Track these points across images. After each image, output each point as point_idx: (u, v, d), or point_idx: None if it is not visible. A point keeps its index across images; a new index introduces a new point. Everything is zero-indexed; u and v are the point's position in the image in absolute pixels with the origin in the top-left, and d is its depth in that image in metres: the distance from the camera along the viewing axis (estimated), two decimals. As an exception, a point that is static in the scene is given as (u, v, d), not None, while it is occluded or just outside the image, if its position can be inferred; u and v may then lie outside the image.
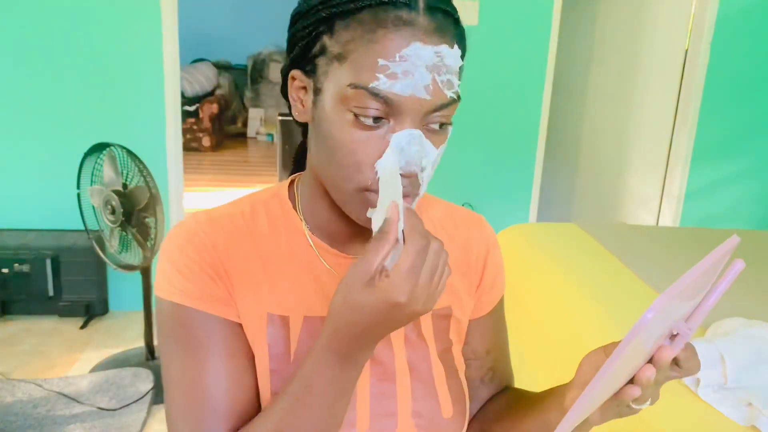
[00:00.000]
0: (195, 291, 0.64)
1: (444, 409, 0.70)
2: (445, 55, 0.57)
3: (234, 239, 0.67)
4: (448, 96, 0.58)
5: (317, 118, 0.61)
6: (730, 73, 3.08)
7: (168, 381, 0.66)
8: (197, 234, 0.66)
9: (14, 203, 2.77)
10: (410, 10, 0.56)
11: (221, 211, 0.69)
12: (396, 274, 0.51)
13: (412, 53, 0.55)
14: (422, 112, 0.58)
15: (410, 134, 0.57)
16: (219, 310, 0.64)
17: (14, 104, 2.68)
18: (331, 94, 0.59)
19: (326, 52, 0.59)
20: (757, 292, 1.77)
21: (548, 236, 2.19)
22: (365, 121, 0.57)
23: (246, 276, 0.66)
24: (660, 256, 2.05)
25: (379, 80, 0.55)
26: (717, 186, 3.24)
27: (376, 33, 0.56)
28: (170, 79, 2.72)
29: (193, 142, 6.28)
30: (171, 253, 0.65)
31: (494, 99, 3.06)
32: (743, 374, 1.19)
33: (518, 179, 3.23)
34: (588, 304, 1.65)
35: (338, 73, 0.58)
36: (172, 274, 0.64)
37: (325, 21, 0.59)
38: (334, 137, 0.59)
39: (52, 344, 2.60)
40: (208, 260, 0.65)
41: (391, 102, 0.56)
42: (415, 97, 0.56)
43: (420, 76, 0.56)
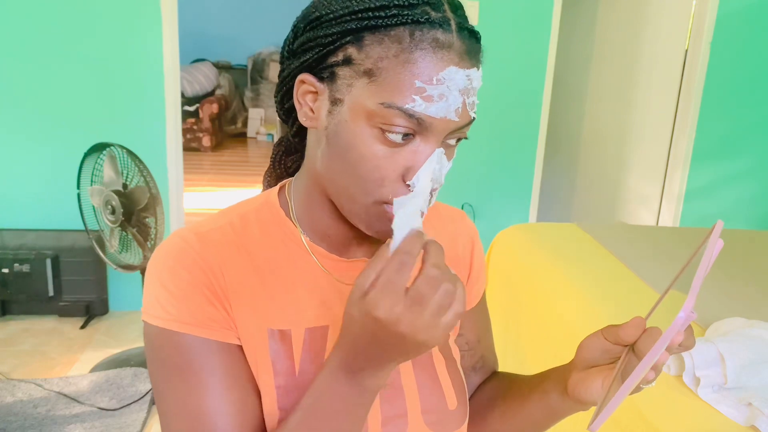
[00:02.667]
0: (190, 316, 0.60)
1: (449, 400, 0.71)
2: (474, 78, 0.58)
3: (227, 255, 0.64)
4: (471, 116, 0.60)
5: (333, 128, 0.60)
6: (730, 73, 3.08)
7: (166, 413, 0.62)
8: (187, 253, 0.62)
9: (14, 203, 2.77)
10: (444, 31, 0.56)
11: (209, 226, 0.66)
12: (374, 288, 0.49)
13: (448, 77, 0.56)
14: (447, 131, 0.59)
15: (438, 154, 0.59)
16: (218, 335, 0.61)
17: (14, 104, 2.68)
18: (355, 107, 0.58)
19: (352, 63, 0.58)
20: (757, 292, 1.77)
21: (548, 236, 2.19)
22: (393, 138, 0.57)
23: (243, 292, 0.64)
24: (660, 256, 2.05)
25: (415, 102, 0.56)
26: (717, 186, 3.24)
27: (413, 53, 0.55)
28: (170, 79, 2.72)
29: (193, 142, 6.29)
30: (162, 276, 0.61)
31: (494, 99, 3.06)
32: (743, 374, 1.19)
33: (518, 179, 3.23)
34: (588, 304, 1.65)
35: (367, 89, 0.57)
36: (164, 299, 0.61)
37: (353, 32, 0.57)
38: (358, 150, 0.58)
39: (52, 344, 2.60)
40: (203, 281, 0.61)
41: (422, 122, 0.57)
42: (446, 119, 0.57)
43: (453, 100, 0.57)
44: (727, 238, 2.29)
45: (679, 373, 1.25)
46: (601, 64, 3.72)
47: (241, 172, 5.88)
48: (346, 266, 0.70)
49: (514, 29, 3.02)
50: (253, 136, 7.18)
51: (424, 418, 0.68)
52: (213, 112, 6.38)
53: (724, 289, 1.77)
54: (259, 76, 7.08)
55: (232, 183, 5.40)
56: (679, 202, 3.21)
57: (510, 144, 3.18)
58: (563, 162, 4.04)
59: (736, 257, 2.09)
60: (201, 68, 6.54)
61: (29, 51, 2.64)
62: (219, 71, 6.82)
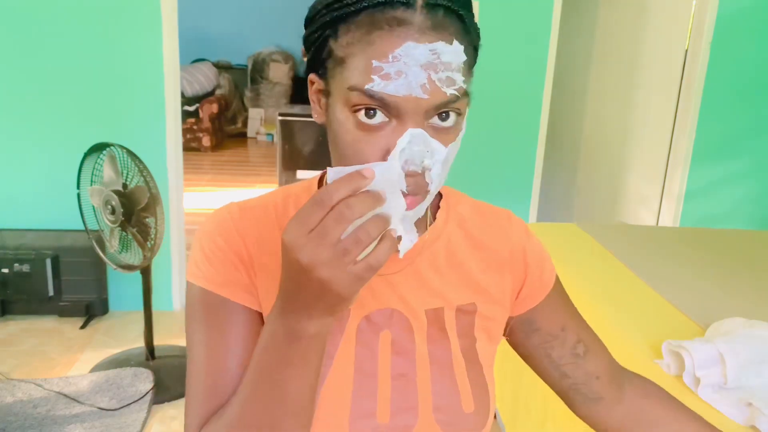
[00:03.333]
0: (220, 277, 0.66)
1: (465, 403, 0.70)
2: (441, 52, 0.56)
3: (262, 230, 0.69)
4: (448, 93, 0.57)
5: (329, 120, 0.62)
6: (730, 73, 3.08)
7: (190, 360, 0.67)
8: (226, 222, 0.68)
9: (14, 203, 2.77)
10: (406, 8, 0.56)
11: (255, 202, 0.72)
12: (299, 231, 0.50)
13: (403, 53, 0.55)
14: (421, 111, 0.57)
15: (411, 134, 0.57)
16: (241, 298, 0.67)
17: (14, 104, 2.68)
18: (336, 96, 0.60)
19: (332, 55, 0.60)
20: (757, 292, 1.77)
21: (548, 236, 2.19)
22: (366, 121, 0.57)
23: (270, 266, 0.68)
24: (660, 256, 2.05)
25: (374, 81, 0.56)
26: (717, 186, 3.24)
27: (371, 35, 0.56)
28: (170, 79, 2.72)
29: (193, 142, 6.29)
30: (202, 241, 0.68)
31: (494, 99, 3.06)
32: (743, 374, 1.19)
33: (518, 179, 3.23)
34: (588, 304, 1.65)
35: (341, 77, 0.59)
36: (200, 261, 0.67)
37: (330, 25, 0.59)
38: (341, 137, 0.60)
39: (52, 344, 2.60)
40: (234, 248, 0.67)
41: (388, 102, 0.56)
42: (411, 96, 0.56)
43: (414, 76, 0.55)
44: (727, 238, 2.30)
45: (679, 373, 1.25)
46: (601, 64, 3.72)
47: (241, 172, 5.88)
48: None
49: (514, 29, 3.02)
50: (253, 136, 7.18)
51: (435, 416, 0.68)
52: (213, 112, 6.39)
53: (724, 289, 1.77)
54: (259, 76, 7.08)
55: (232, 183, 5.40)
56: (679, 202, 3.21)
57: (510, 144, 3.18)
58: (563, 162, 4.04)
59: (736, 257, 2.09)
60: (201, 68, 6.54)
61: (29, 51, 2.64)
62: (219, 71, 6.82)
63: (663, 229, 2.53)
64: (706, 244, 2.20)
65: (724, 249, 2.16)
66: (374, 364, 0.69)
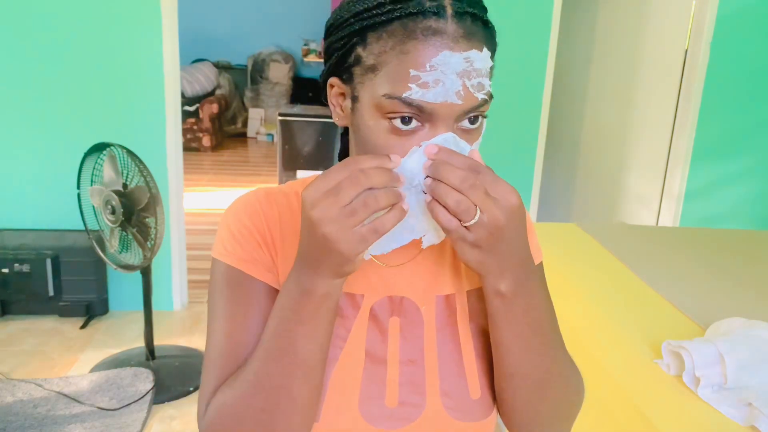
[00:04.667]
0: (244, 254, 0.69)
1: (472, 389, 0.71)
2: (474, 60, 0.59)
3: (285, 214, 0.72)
4: (479, 98, 0.61)
5: (356, 124, 0.64)
6: (730, 73, 3.08)
7: (210, 332, 0.70)
8: (253, 204, 0.71)
9: (14, 203, 2.77)
10: (438, 18, 0.58)
11: (279, 190, 0.75)
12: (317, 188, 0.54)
13: (441, 62, 0.57)
14: (455, 116, 0.60)
15: (444, 140, 0.59)
16: (262, 275, 0.69)
17: (14, 104, 2.68)
18: (367, 102, 0.61)
19: (361, 62, 0.62)
20: (757, 292, 1.77)
21: (548, 236, 2.19)
22: (401, 126, 0.59)
23: (290, 249, 0.70)
24: (660, 256, 2.05)
25: (411, 90, 0.58)
26: (717, 186, 3.24)
27: (406, 44, 0.58)
28: (170, 79, 2.72)
29: (193, 142, 6.29)
30: (228, 219, 0.71)
31: (494, 99, 3.06)
32: (743, 374, 1.19)
33: (518, 179, 3.23)
34: (588, 304, 1.65)
35: (373, 84, 0.60)
36: (226, 238, 0.70)
37: (358, 33, 0.61)
38: (373, 143, 0.61)
39: (52, 344, 2.60)
40: (258, 227, 0.70)
41: (424, 109, 0.58)
42: (447, 103, 0.58)
43: (451, 83, 0.58)
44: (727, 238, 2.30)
45: (679, 373, 1.25)
46: (601, 64, 3.72)
47: (241, 172, 5.88)
48: None
49: (514, 29, 3.02)
50: (253, 136, 7.18)
51: (442, 401, 0.70)
52: (213, 112, 6.39)
53: (724, 289, 1.77)
54: (259, 76, 7.08)
55: (232, 183, 5.40)
56: (679, 202, 3.21)
57: (510, 144, 3.18)
58: (563, 162, 4.04)
59: (736, 257, 2.09)
60: (201, 68, 6.55)
61: (29, 51, 2.64)
62: (219, 71, 6.82)
63: (663, 229, 2.53)
64: (706, 244, 2.20)
65: (724, 249, 2.16)
66: (384, 349, 0.71)
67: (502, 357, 0.68)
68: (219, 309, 0.69)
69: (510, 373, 0.69)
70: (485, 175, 0.57)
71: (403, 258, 0.73)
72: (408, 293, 0.73)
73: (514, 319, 0.65)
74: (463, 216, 0.56)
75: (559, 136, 3.90)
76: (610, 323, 1.53)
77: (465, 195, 0.55)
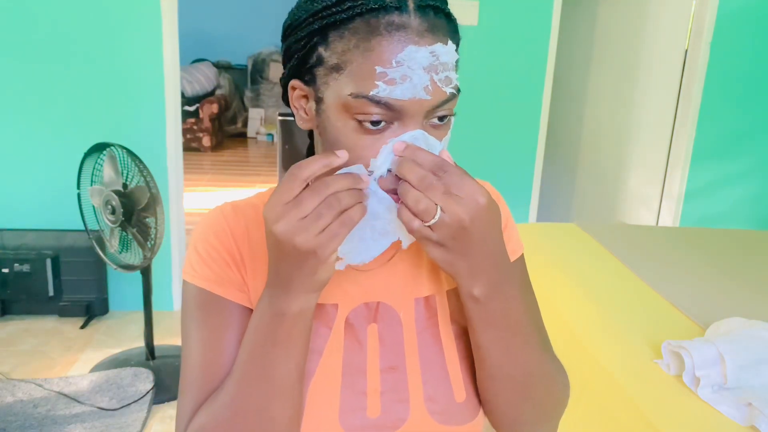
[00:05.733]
0: (213, 275, 0.68)
1: (457, 392, 0.70)
2: (440, 54, 0.57)
3: (252, 228, 0.70)
4: (447, 93, 0.59)
5: (322, 125, 0.63)
6: (730, 73, 3.08)
7: (185, 356, 0.69)
8: (219, 222, 0.70)
9: (14, 203, 2.77)
10: (401, 12, 0.56)
11: (246, 202, 0.73)
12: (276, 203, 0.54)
13: (407, 57, 0.56)
14: (423, 111, 0.58)
15: (413, 137, 0.58)
16: (232, 295, 0.68)
17: (14, 104, 2.68)
18: (333, 102, 0.60)
19: (323, 62, 0.60)
20: (757, 292, 1.77)
21: (548, 236, 2.19)
22: (369, 126, 0.58)
23: (259, 265, 0.69)
24: (660, 256, 2.05)
25: (378, 87, 0.56)
26: (717, 186, 3.24)
27: (370, 41, 0.56)
28: (170, 79, 2.72)
29: (193, 142, 6.29)
30: (196, 240, 0.70)
31: (494, 99, 3.06)
32: (743, 374, 1.19)
33: (518, 179, 3.23)
34: (588, 304, 1.65)
35: (338, 84, 0.59)
36: (195, 260, 0.69)
37: (319, 32, 0.59)
38: (342, 143, 0.60)
39: (52, 344, 2.60)
40: (226, 246, 0.69)
41: (392, 107, 0.57)
42: (415, 99, 0.57)
43: (419, 79, 0.56)
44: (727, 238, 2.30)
45: (679, 373, 1.25)
46: (601, 64, 3.72)
47: (241, 172, 5.88)
48: None
49: (514, 29, 3.02)
50: (253, 136, 7.18)
51: (426, 406, 0.68)
52: (213, 112, 6.39)
53: (724, 289, 1.77)
54: (259, 76, 7.08)
55: (232, 183, 5.40)
56: (679, 202, 3.21)
57: (510, 144, 3.18)
58: (563, 162, 4.04)
59: (736, 257, 2.09)
60: (201, 68, 6.54)
61: (29, 51, 2.64)
62: (219, 71, 6.82)
63: (663, 229, 2.53)
64: (706, 244, 2.20)
65: (724, 249, 2.16)
66: (363, 358, 0.69)
67: (483, 359, 0.67)
68: (192, 331, 0.68)
69: (491, 375, 0.68)
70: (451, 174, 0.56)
71: (376, 262, 0.71)
72: (384, 298, 0.71)
73: (492, 322, 0.63)
74: (423, 215, 0.55)
75: (559, 136, 3.89)
76: (610, 323, 1.53)
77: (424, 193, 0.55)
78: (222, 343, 0.67)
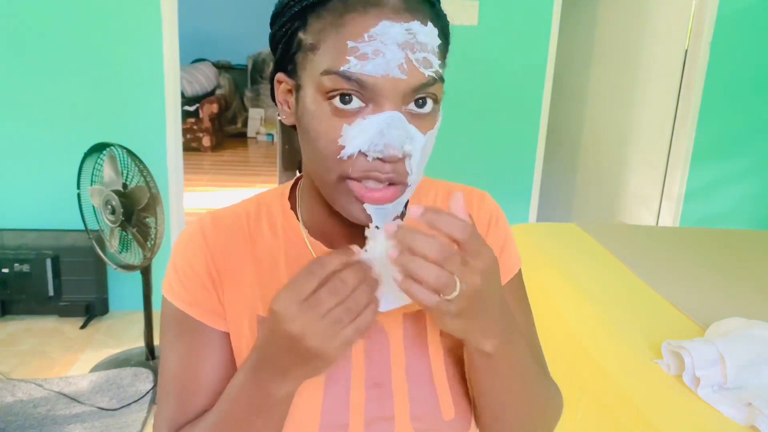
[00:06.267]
0: (188, 296, 0.67)
1: (445, 411, 0.67)
2: (417, 32, 0.55)
3: (232, 241, 0.68)
4: (426, 75, 0.56)
5: (300, 114, 0.60)
6: (730, 73, 3.08)
7: (162, 370, 0.69)
8: (197, 239, 0.68)
9: (14, 203, 2.77)
10: None
11: (228, 211, 0.71)
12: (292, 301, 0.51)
13: (380, 32, 0.54)
14: (400, 93, 0.55)
15: (390, 116, 0.55)
16: (207, 319, 0.67)
17: (14, 104, 2.68)
18: (309, 86, 0.58)
19: (302, 46, 0.58)
20: (757, 292, 1.77)
21: (548, 236, 2.19)
22: (341, 106, 0.55)
23: (238, 278, 0.68)
24: (660, 256, 2.05)
25: (350, 63, 0.54)
26: (717, 186, 3.24)
27: (344, 17, 0.55)
28: (170, 79, 2.72)
29: (193, 142, 6.28)
30: (174, 256, 0.69)
31: (494, 99, 3.06)
32: (743, 374, 1.19)
33: (518, 179, 3.23)
34: (588, 304, 1.65)
35: (313, 64, 0.57)
36: (172, 276, 0.68)
37: (299, 16, 0.58)
38: (315, 128, 0.57)
39: (52, 344, 2.60)
40: (203, 265, 0.67)
41: (365, 84, 0.54)
42: (389, 77, 0.54)
43: (392, 55, 0.54)
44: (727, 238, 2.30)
45: (679, 373, 1.25)
46: (601, 64, 3.72)
47: (241, 172, 5.88)
48: None
49: (514, 29, 3.02)
50: (253, 136, 7.18)
51: (413, 424, 0.66)
52: (213, 112, 6.38)
53: (724, 289, 1.77)
54: (259, 76, 7.07)
55: (232, 183, 5.40)
56: (679, 202, 3.21)
57: (510, 144, 3.18)
58: (563, 162, 4.04)
59: (736, 257, 2.09)
60: (201, 68, 6.54)
61: (29, 51, 2.63)
62: (219, 71, 6.82)
63: (663, 229, 2.53)
64: (706, 244, 2.20)
65: (724, 249, 2.16)
66: (347, 374, 0.67)
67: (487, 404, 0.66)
68: (169, 349, 0.68)
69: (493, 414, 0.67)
70: (470, 242, 0.52)
71: None
72: None
73: (499, 372, 0.62)
74: (444, 290, 0.51)
75: (559, 136, 3.89)
76: (610, 323, 1.53)
77: (443, 266, 0.51)
78: (197, 364, 0.67)
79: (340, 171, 0.58)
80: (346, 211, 0.60)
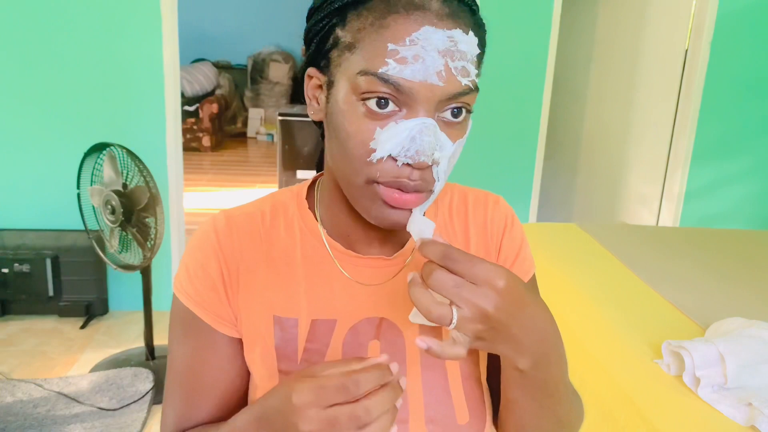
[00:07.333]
0: (196, 296, 0.67)
1: (459, 414, 0.67)
2: (459, 41, 0.54)
3: (246, 241, 0.68)
4: (463, 84, 0.55)
5: (330, 112, 0.59)
6: (730, 73, 3.08)
7: (170, 367, 0.70)
8: (210, 239, 0.67)
9: (14, 203, 2.77)
10: None
11: (243, 210, 0.70)
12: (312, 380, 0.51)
13: (422, 37, 0.53)
14: (435, 100, 0.55)
15: (423, 123, 0.55)
16: (213, 321, 0.67)
17: (14, 104, 2.68)
18: (343, 85, 0.57)
19: (339, 43, 0.57)
20: (757, 292, 1.77)
21: (548, 236, 2.19)
22: (375, 108, 0.55)
23: (253, 279, 0.67)
24: (660, 256, 2.05)
25: (388, 65, 0.53)
26: (717, 186, 3.24)
27: (386, 18, 0.54)
28: (170, 79, 2.72)
29: (193, 142, 6.28)
30: (187, 254, 0.68)
31: (494, 99, 3.06)
32: (743, 374, 1.19)
33: (518, 179, 3.23)
34: (588, 304, 1.65)
35: (349, 63, 0.56)
36: (184, 275, 0.68)
37: (338, 12, 0.57)
38: (346, 129, 0.57)
39: (52, 344, 2.60)
40: (214, 266, 0.66)
41: (401, 88, 0.54)
42: (426, 83, 0.53)
43: (432, 61, 0.53)
44: (727, 238, 2.30)
45: (679, 373, 1.25)
46: (601, 64, 3.72)
47: (241, 172, 5.88)
48: (362, 263, 0.69)
49: (514, 29, 3.02)
50: (253, 136, 7.18)
51: (427, 427, 0.66)
52: (213, 112, 6.38)
53: (724, 289, 1.77)
54: (259, 76, 7.07)
55: (232, 183, 5.39)
56: (679, 202, 3.21)
57: (510, 144, 3.18)
58: (563, 162, 4.04)
59: (736, 257, 2.09)
60: (201, 68, 6.54)
61: (29, 51, 2.63)
62: (219, 71, 6.82)
63: (663, 229, 2.53)
64: (706, 244, 2.20)
65: (724, 249, 2.16)
66: None
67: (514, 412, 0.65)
68: (177, 346, 0.69)
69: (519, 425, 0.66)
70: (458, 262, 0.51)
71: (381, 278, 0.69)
72: (388, 314, 0.68)
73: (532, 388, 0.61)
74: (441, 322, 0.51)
75: (559, 136, 3.89)
76: (610, 323, 1.53)
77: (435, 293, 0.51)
78: (202, 364, 0.68)
79: (368, 174, 0.57)
80: (373, 215, 0.60)
